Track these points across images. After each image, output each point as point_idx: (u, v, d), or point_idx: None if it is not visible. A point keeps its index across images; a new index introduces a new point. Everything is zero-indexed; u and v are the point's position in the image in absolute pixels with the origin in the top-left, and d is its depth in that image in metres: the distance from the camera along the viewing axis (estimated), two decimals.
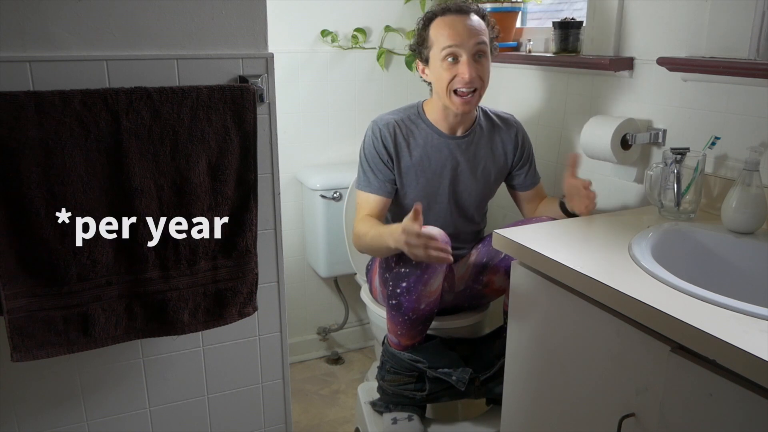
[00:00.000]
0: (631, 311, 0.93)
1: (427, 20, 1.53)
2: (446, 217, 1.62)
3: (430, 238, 1.29)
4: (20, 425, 1.13)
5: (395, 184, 1.59)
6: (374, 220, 1.56)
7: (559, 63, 1.70)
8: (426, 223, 1.56)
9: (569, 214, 1.50)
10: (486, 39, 1.50)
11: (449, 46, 1.46)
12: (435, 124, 1.58)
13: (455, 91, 1.48)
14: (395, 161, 1.57)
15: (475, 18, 1.51)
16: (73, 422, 1.17)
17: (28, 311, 1.00)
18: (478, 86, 1.49)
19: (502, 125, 1.65)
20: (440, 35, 1.49)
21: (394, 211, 1.64)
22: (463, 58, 1.46)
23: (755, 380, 0.76)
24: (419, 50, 1.56)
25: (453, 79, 1.47)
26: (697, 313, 0.86)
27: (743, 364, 0.77)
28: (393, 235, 1.37)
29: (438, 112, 1.58)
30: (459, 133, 1.60)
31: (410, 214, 1.32)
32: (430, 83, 1.58)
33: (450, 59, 1.47)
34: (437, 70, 1.50)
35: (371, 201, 1.58)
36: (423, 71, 1.57)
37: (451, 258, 1.31)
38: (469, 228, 1.68)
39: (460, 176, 1.61)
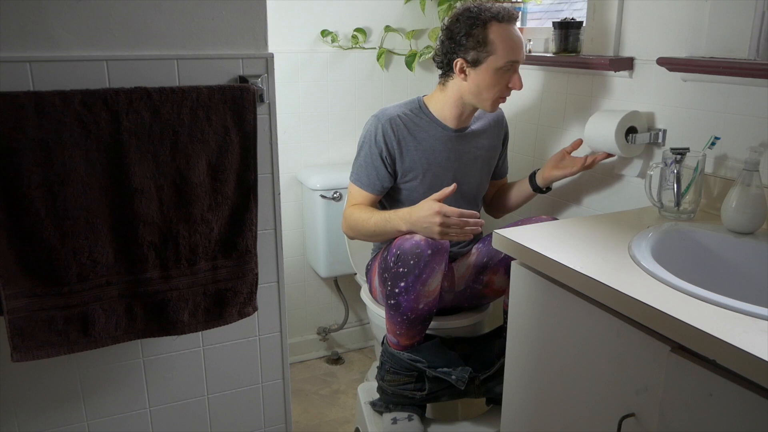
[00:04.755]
0: (631, 311, 0.93)
1: (483, 21, 1.47)
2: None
3: (468, 215, 1.41)
4: (20, 425, 1.13)
5: (389, 182, 1.61)
6: (370, 207, 1.61)
7: (559, 63, 1.70)
8: None
9: (535, 188, 1.68)
10: None
11: (515, 61, 1.49)
12: (439, 119, 1.60)
13: (501, 97, 1.54)
14: (398, 157, 1.58)
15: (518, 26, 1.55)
16: (73, 422, 1.17)
17: (29, 311, 1.00)
18: None
19: (493, 115, 1.70)
20: (505, 46, 1.47)
21: (401, 206, 1.63)
22: (515, 68, 1.52)
23: (755, 380, 0.76)
24: (468, 49, 1.48)
25: (505, 86, 1.52)
26: (697, 313, 0.86)
27: (743, 364, 0.77)
28: (407, 218, 1.46)
29: (446, 107, 1.59)
30: (464, 125, 1.62)
31: (438, 195, 1.42)
32: (444, 76, 1.58)
33: (508, 69, 1.50)
34: (489, 76, 1.49)
35: (362, 196, 1.62)
36: (461, 70, 1.51)
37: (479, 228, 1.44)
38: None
39: (464, 167, 1.64)
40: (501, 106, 1.71)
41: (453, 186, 1.43)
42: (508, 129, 1.75)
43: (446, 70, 1.57)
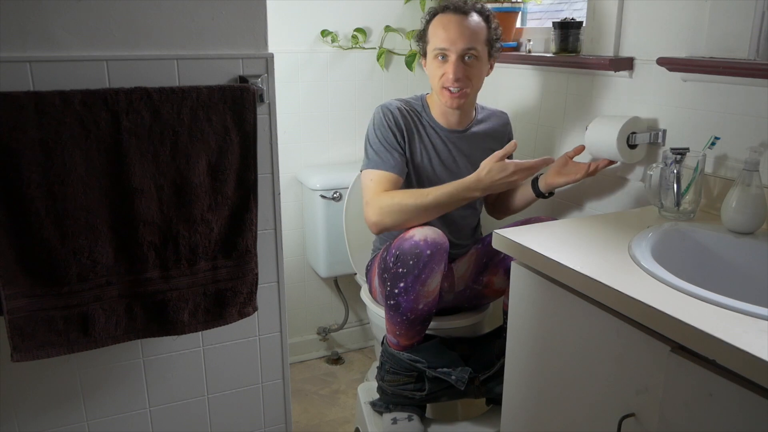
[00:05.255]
0: (631, 311, 0.93)
1: (431, 16, 1.59)
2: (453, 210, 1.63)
3: (542, 162, 1.46)
4: (20, 425, 1.13)
5: (407, 165, 1.60)
6: (404, 190, 1.53)
7: (558, 63, 1.70)
8: None
9: (538, 194, 1.65)
10: (478, 45, 1.52)
11: (438, 48, 1.52)
12: (436, 119, 1.62)
13: (445, 88, 1.53)
14: (407, 141, 1.59)
15: (473, 19, 1.53)
16: (73, 422, 1.17)
17: (29, 311, 1.00)
18: (464, 86, 1.53)
19: (497, 121, 1.70)
20: (434, 34, 1.54)
21: None
22: (451, 58, 1.51)
23: (755, 380, 0.76)
24: (420, 44, 1.62)
25: (442, 76, 1.53)
26: (697, 313, 0.86)
27: (743, 364, 0.77)
28: (479, 186, 1.47)
29: (438, 107, 1.62)
30: (458, 128, 1.62)
31: (502, 152, 1.45)
32: None
33: (440, 58, 1.53)
34: (430, 65, 1.58)
35: (389, 179, 1.53)
36: (424, 64, 1.63)
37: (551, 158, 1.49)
38: (467, 221, 1.69)
39: (460, 170, 1.63)
40: (505, 109, 1.73)
41: (514, 142, 1.47)
42: (512, 135, 1.74)
43: None
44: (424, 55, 1.60)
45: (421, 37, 1.60)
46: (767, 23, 1.20)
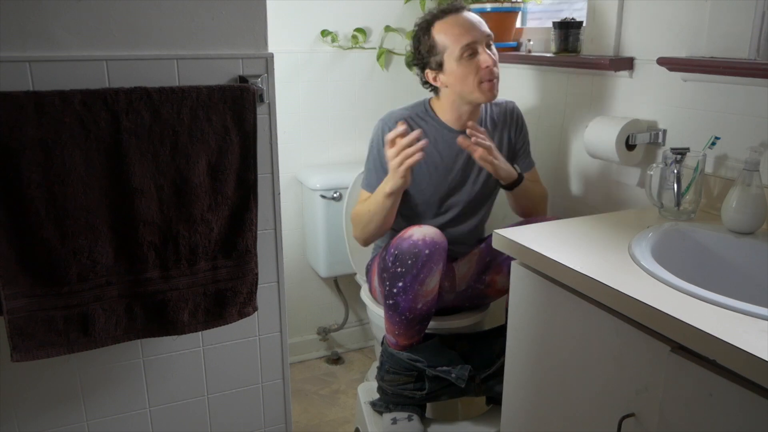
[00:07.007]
0: (631, 311, 0.93)
1: (426, 28, 1.54)
2: (457, 211, 1.63)
3: (403, 143, 1.40)
4: (20, 425, 1.13)
5: None
6: (365, 200, 1.62)
7: (559, 63, 1.70)
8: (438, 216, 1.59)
9: (502, 186, 1.62)
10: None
11: (467, 44, 1.48)
12: (445, 121, 1.60)
13: (483, 81, 1.50)
14: None
15: (471, 13, 1.55)
16: (73, 422, 1.17)
17: (28, 311, 1.00)
18: (497, 73, 1.52)
19: (506, 114, 1.68)
20: (451, 36, 1.50)
21: (406, 212, 1.63)
22: (480, 49, 1.50)
23: (755, 380, 0.76)
24: (428, 59, 1.55)
25: (477, 72, 1.49)
26: (697, 313, 0.86)
27: (743, 364, 0.77)
28: (385, 180, 1.47)
29: (447, 108, 1.59)
30: (465, 127, 1.61)
31: (393, 134, 1.42)
32: (435, 88, 1.59)
33: (468, 55, 1.49)
34: (457, 70, 1.50)
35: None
36: (435, 79, 1.56)
37: (421, 150, 1.41)
38: (474, 221, 1.69)
39: (471, 169, 1.62)
40: (516, 101, 1.71)
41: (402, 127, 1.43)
42: (522, 124, 1.69)
43: (431, 86, 1.60)
44: (438, 66, 1.52)
45: (429, 50, 1.53)
46: (767, 23, 1.20)
